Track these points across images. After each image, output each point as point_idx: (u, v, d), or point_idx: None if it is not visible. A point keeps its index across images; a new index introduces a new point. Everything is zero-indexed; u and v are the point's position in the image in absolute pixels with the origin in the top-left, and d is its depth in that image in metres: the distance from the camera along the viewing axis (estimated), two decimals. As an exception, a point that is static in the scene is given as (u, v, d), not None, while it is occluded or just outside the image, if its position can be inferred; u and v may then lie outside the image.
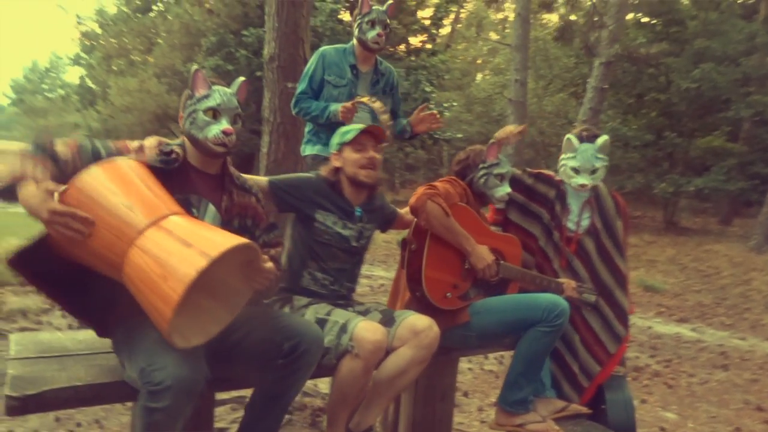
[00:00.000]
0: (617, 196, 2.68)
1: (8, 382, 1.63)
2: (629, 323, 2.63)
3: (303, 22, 4.68)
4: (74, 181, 1.46)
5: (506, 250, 2.36)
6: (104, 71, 15.95)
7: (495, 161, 2.36)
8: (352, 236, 2.15)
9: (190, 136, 1.76)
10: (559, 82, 15.64)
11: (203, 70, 1.80)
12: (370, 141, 2.12)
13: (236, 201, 1.85)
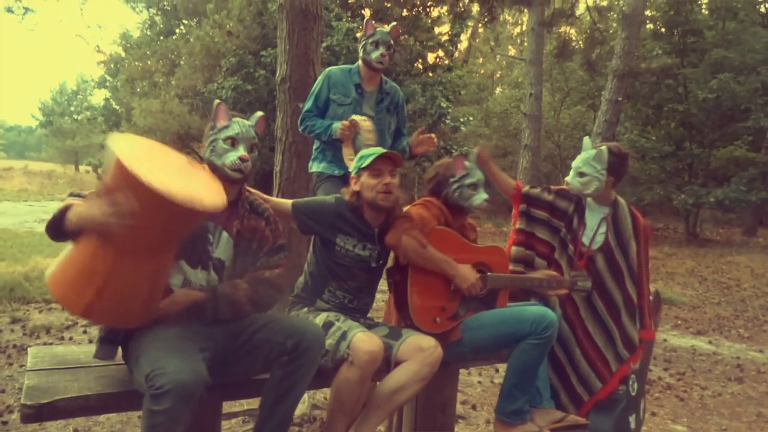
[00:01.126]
0: (638, 215, 2.68)
1: (24, 392, 1.74)
2: (636, 345, 2.61)
3: (313, 44, 4.82)
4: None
5: (491, 261, 2.40)
6: (128, 93, 16.39)
7: (464, 173, 2.39)
8: (372, 257, 2.24)
9: (210, 163, 1.91)
10: (575, 95, 15.65)
11: (224, 104, 1.96)
12: (386, 166, 2.20)
13: (246, 225, 1.98)
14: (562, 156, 15.99)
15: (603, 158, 2.52)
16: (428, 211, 2.30)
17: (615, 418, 2.53)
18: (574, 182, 2.54)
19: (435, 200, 2.40)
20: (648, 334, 2.63)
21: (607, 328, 2.58)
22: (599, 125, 9.37)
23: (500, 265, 2.43)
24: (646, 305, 2.64)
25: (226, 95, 13.73)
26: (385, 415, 2.14)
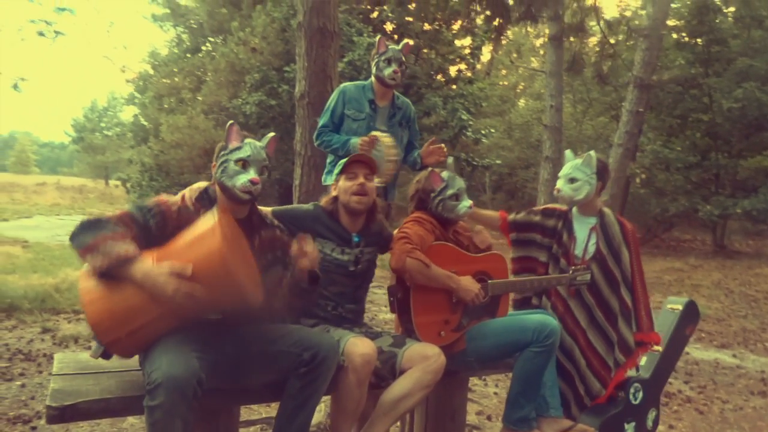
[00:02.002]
0: (625, 222, 2.73)
1: (49, 395, 1.85)
2: (633, 349, 2.64)
3: (331, 61, 4.94)
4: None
5: (491, 268, 2.45)
6: (156, 109, 16.81)
7: (443, 185, 2.43)
8: (350, 261, 2.31)
9: (221, 183, 1.96)
10: (598, 106, 15.56)
11: (236, 125, 2.01)
12: (361, 169, 2.27)
13: (264, 238, 2.06)
14: (585, 167, 15.89)
15: (592, 163, 2.59)
16: (423, 227, 2.34)
17: (604, 420, 2.55)
18: (565, 189, 2.59)
19: (425, 215, 2.43)
20: (646, 336, 2.65)
21: (607, 335, 2.62)
22: (620, 136, 9.32)
23: (500, 271, 2.47)
24: (643, 308, 2.66)
25: (250, 110, 14.00)
26: (390, 423, 2.19)
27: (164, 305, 1.69)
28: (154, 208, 1.89)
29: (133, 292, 1.71)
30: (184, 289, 1.65)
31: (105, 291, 1.72)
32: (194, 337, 1.78)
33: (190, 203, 1.95)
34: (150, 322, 1.73)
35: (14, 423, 3.44)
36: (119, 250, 1.69)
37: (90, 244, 1.70)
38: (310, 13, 4.82)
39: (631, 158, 12.92)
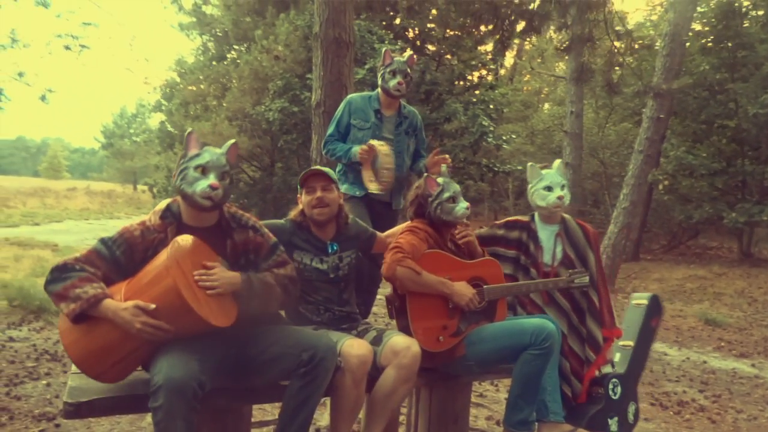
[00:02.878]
0: (586, 226, 2.85)
1: (66, 392, 1.97)
2: (602, 346, 2.72)
3: (346, 70, 5.07)
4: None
5: (486, 274, 2.51)
6: (182, 116, 17.14)
7: (439, 189, 2.49)
8: (329, 268, 2.40)
9: (181, 191, 2.00)
10: (621, 111, 15.42)
11: (196, 133, 2.07)
12: (318, 182, 2.35)
13: (237, 241, 2.11)
14: (607, 174, 15.74)
15: (562, 168, 2.78)
16: (416, 237, 2.40)
17: (589, 418, 2.61)
18: (565, 194, 2.69)
19: (419, 224, 2.50)
20: (609, 332, 2.73)
21: (582, 336, 2.70)
22: (641, 143, 9.25)
23: (495, 276, 2.53)
24: (605, 306, 2.75)
25: (273, 117, 14.21)
26: (385, 420, 2.27)
27: (137, 339, 1.81)
28: (118, 239, 1.98)
29: (109, 328, 1.83)
30: (150, 323, 1.77)
31: (82, 332, 1.85)
32: (196, 342, 1.87)
33: (152, 223, 2.02)
34: (130, 352, 1.86)
35: (39, 420, 3.59)
36: (86, 295, 1.80)
37: (59, 292, 1.83)
38: (326, 24, 4.96)
39: (653, 165, 12.80)
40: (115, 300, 1.83)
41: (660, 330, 7.01)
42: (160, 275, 1.84)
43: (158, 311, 1.79)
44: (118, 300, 1.83)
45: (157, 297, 1.81)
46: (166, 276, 1.81)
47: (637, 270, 11.79)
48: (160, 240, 1.98)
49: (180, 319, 1.82)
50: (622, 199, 9.37)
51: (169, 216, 2.05)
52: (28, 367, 4.53)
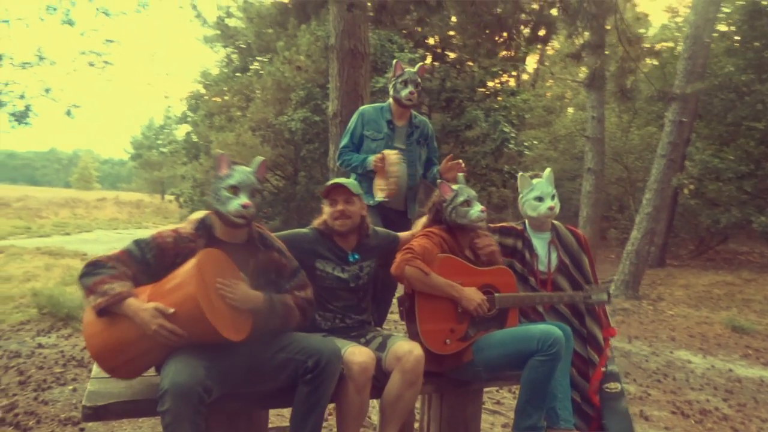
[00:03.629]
0: (576, 231, 2.88)
1: (85, 396, 2.05)
2: (603, 345, 2.76)
3: (362, 81, 5.14)
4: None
5: (499, 282, 2.53)
6: (207, 127, 17.43)
7: (453, 194, 2.55)
8: (350, 278, 2.46)
9: (215, 210, 2.12)
10: (645, 115, 15.22)
11: (226, 154, 2.17)
12: (340, 195, 2.42)
13: (261, 260, 2.20)
14: (631, 179, 15.53)
15: (552, 177, 2.79)
16: (430, 240, 2.45)
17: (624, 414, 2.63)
18: (555, 204, 2.71)
19: (435, 229, 2.54)
20: (610, 331, 2.78)
21: (582, 335, 2.73)
22: (663, 147, 9.12)
23: (507, 285, 2.55)
24: (599, 307, 2.79)
25: (295, 126, 14.37)
26: (398, 423, 2.30)
27: (152, 340, 1.89)
28: (150, 243, 2.07)
29: (128, 326, 1.92)
30: (165, 326, 1.85)
31: (103, 326, 1.94)
32: (204, 348, 1.94)
33: (186, 232, 2.12)
34: (143, 353, 1.94)
35: (65, 424, 3.70)
36: (112, 291, 1.90)
37: (90, 286, 1.94)
38: (341, 36, 5.04)
39: (677, 169, 12.60)
40: (139, 300, 1.92)
41: (684, 337, 6.91)
42: (182, 283, 1.93)
43: (176, 316, 1.88)
44: (143, 300, 1.92)
45: (177, 303, 1.89)
46: (188, 284, 1.90)
47: (663, 276, 11.60)
48: (190, 249, 2.07)
49: (194, 326, 1.89)
50: (645, 204, 9.25)
51: (202, 228, 2.15)
52: (56, 372, 4.68)
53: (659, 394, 4.73)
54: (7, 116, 7.26)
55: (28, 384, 4.38)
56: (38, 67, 7.48)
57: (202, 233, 2.14)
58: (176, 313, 1.88)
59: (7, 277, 8.75)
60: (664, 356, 6.03)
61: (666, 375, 5.33)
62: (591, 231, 10.82)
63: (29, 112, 7.43)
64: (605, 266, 13.20)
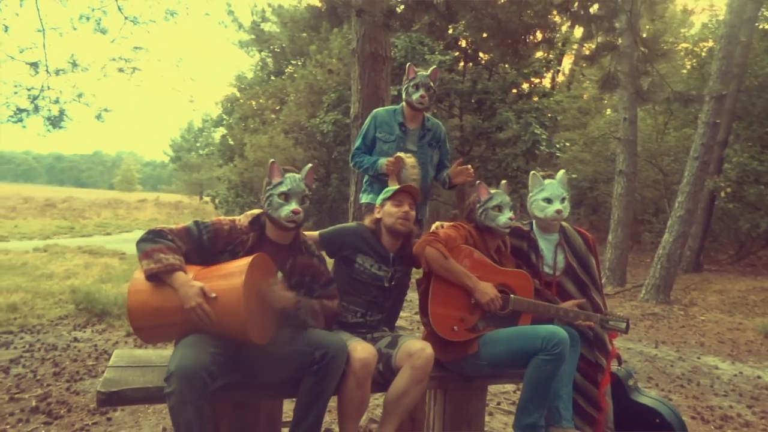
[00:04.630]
0: (584, 232, 2.87)
1: (101, 382, 2.18)
2: (609, 348, 2.76)
3: (383, 84, 5.22)
4: None
5: (516, 285, 2.57)
6: (241, 130, 17.85)
7: (488, 197, 2.62)
8: (386, 277, 2.56)
9: (268, 215, 2.28)
10: (681, 116, 14.89)
11: (277, 163, 2.32)
12: (407, 198, 2.54)
13: (298, 262, 2.34)
14: (667, 182, 15.20)
15: (565, 180, 2.77)
16: (455, 231, 2.54)
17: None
18: (563, 208, 2.69)
19: (464, 224, 2.64)
20: (613, 335, 2.77)
21: (588, 338, 2.72)
22: (696, 149, 8.93)
23: (524, 289, 2.58)
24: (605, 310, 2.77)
25: (327, 129, 14.58)
26: (398, 420, 2.37)
27: (186, 315, 2.01)
28: (209, 226, 2.25)
29: (170, 296, 2.05)
30: (203, 307, 1.98)
31: (148, 287, 2.08)
32: (214, 336, 2.06)
33: (241, 225, 2.29)
34: (172, 324, 2.07)
35: (93, 414, 3.89)
36: (167, 261, 2.05)
37: (147, 251, 2.09)
38: (363, 40, 5.14)
39: (713, 172, 12.29)
40: (187, 276, 2.06)
41: (714, 343, 6.77)
42: (232, 274, 2.06)
43: (215, 302, 2.02)
44: (190, 277, 2.07)
45: (222, 290, 2.03)
46: (238, 278, 2.03)
47: (698, 281, 11.33)
48: (242, 241, 2.25)
49: (228, 317, 2.02)
50: (677, 208, 9.06)
51: (257, 224, 2.33)
52: (89, 365, 4.89)
53: (680, 399, 4.66)
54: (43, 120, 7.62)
55: (62, 375, 4.60)
56: (72, 74, 7.84)
57: (256, 228, 2.31)
58: (217, 299, 2.01)
59: (49, 274, 9.14)
60: (690, 361, 5.92)
61: (690, 380, 5.25)
62: (622, 234, 10.64)
63: (64, 116, 7.79)
64: (639, 270, 12.96)
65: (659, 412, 2.64)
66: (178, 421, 1.91)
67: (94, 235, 16.92)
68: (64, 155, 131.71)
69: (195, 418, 1.90)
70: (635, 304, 9.08)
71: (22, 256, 11.09)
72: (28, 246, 12.94)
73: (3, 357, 4.98)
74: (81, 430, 3.62)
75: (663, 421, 2.61)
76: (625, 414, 2.75)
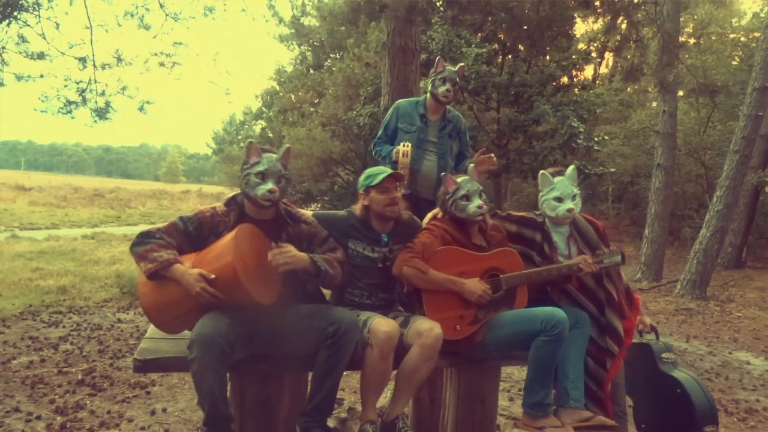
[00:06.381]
0: (594, 221, 2.89)
1: (137, 351, 2.39)
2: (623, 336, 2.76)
3: (413, 76, 5.32)
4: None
5: (503, 263, 2.62)
6: (280, 123, 18.18)
7: (455, 187, 2.64)
8: (379, 258, 2.64)
9: (245, 194, 2.37)
10: (726, 109, 14.49)
11: (255, 143, 2.41)
12: (392, 183, 2.60)
13: (291, 233, 2.46)
14: (709, 176, 14.82)
15: (575, 175, 2.79)
16: (431, 235, 2.58)
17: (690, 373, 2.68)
18: (574, 206, 2.72)
19: (438, 221, 2.68)
20: (629, 323, 2.77)
21: (600, 323, 2.76)
22: (736, 142, 8.72)
23: (513, 265, 2.62)
24: (622, 297, 2.79)
25: (363, 122, 14.73)
26: (410, 395, 2.49)
27: (195, 300, 2.18)
28: (192, 218, 2.39)
29: (174, 289, 2.22)
30: (207, 289, 2.15)
31: (154, 287, 2.26)
32: (232, 310, 2.22)
33: (221, 209, 2.42)
34: (187, 311, 2.23)
35: (134, 387, 4.15)
36: (161, 258, 2.22)
37: (141, 253, 2.25)
38: (393, 34, 5.25)
39: (759, 166, 11.95)
40: (185, 266, 2.23)
41: (749, 339, 6.67)
42: (222, 253, 2.21)
43: (216, 281, 2.17)
44: (187, 267, 2.23)
45: (217, 270, 2.19)
46: (227, 254, 2.18)
47: (738, 277, 11.07)
48: (225, 223, 2.38)
49: (231, 290, 2.17)
50: (716, 202, 8.88)
51: (233, 205, 2.45)
52: (130, 344, 5.19)
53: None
54: (90, 112, 8.00)
55: (105, 352, 4.91)
56: (117, 68, 8.20)
57: (234, 209, 2.43)
58: (216, 278, 2.17)
59: (96, 260, 9.61)
60: (721, 356, 5.87)
61: (719, 374, 5.21)
62: (659, 229, 10.47)
63: (109, 108, 8.16)
64: (678, 266, 12.72)
65: (681, 384, 2.66)
66: (200, 386, 2.08)
67: (139, 224, 17.55)
68: (112, 147, 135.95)
69: (216, 383, 2.06)
70: (670, 299, 8.96)
71: (72, 242, 11.67)
72: (77, 233, 13.57)
73: (53, 335, 5.33)
74: (122, 401, 3.89)
75: (683, 392, 2.63)
76: (650, 384, 2.77)
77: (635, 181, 18.26)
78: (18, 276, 7.70)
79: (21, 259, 9.14)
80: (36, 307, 6.34)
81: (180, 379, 4.34)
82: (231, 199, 2.47)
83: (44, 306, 6.43)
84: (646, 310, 2.80)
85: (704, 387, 2.70)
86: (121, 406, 3.81)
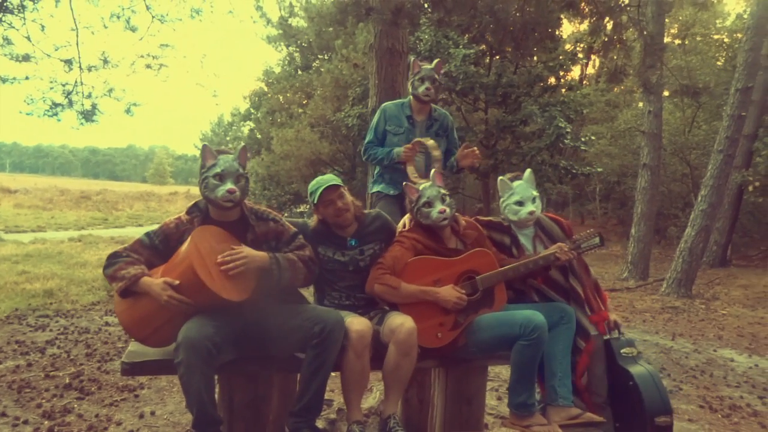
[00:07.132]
0: (558, 218, 2.94)
1: (125, 354, 2.39)
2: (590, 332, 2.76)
3: (400, 78, 5.35)
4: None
5: (478, 265, 2.62)
6: (268, 124, 18.15)
7: (416, 195, 2.65)
8: (349, 261, 2.65)
9: (206, 197, 2.37)
10: (710, 110, 14.66)
11: (209, 145, 2.40)
12: (332, 194, 2.57)
13: (258, 231, 2.45)
14: (695, 176, 14.99)
15: (533, 178, 2.84)
16: (402, 247, 2.59)
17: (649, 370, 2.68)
18: (536, 208, 2.77)
19: (408, 232, 2.68)
20: (597, 317, 2.77)
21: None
22: (720, 142, 8.84)
23: (487, 265, 2.63)
24: (590, 292, 2.81)
25: (351, 123, 14.75)
26: (399, 392, 2.50)
27: (168, 310, 2.19)
28: (157, 231, 2.40)
29: (147, 302, 2.23)
30: (174, 296, 2.15)
31: (129, 304, 2.27)
32: (217, 313, 2.23)
33: (185, 217, 2.42)
34: (166, 322, 2.24)
35: (122, 391, 4.14)
36: (128, 274, 2.23)
37: (111, 274, 2.28)
38: (380, 36, 5.27)
39: (743, 165, 12.11)
40: (152, 278, 2.23)
41: (733, 336, 6.76)
42: (182, 258, 2.23)
43: (181, 286, 2.18)
44: (156, 278, 2.23)
45: (180, 275, 2.20)
46: (186, 258, 2.19)
47: (723, 276, 11.21)
48: (189, 231, 2.36)
49: (197, 293, 2.18)
50: (700, 201, 8.99)
51: (196, 211, 2.44)
52: (118, 347, 5.17)
53: (691, 389, 4.72)
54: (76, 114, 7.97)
55: (93, 356, 4.88)
56: (103, 70, 8.18)
57: (197, 215, 2.42)
58: (181, 283, 2.17)
59: (83, 263, 9.54)
60: (706, 354, 5.94)
61: (703, 372, 5.28)
62: (645, 228, 10.58)
63: (96, 110, 8.13)
64: (665, 265, 12.84)
65: (633, 376, 2.71)
66: (188, 389, 2.09)
67: (126, 226, 17.46)
68: (99, 149, 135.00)
69: (203, 385, 2.08)
70: (656, 297, 9.06)
71: (58, 245, 11.57)
72: (64, 236, 13.46)
73: (40, 338, 5.29)
74: (110, 405, 3.87)
75: (634, 384, 2.68)
76: (611, 378, 2.82)
77: (622, 180, 18.44)
78: (4, 279, 7.63)
79: (7, 262, 9.05)
80: (22, 311, 6.29)
81: (168, 381, 4.32)
82: (193, 206, 2.47)
83: (31, 309, 6.38)
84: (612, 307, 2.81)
85: (657, 379, 2.74)
86: (109, 410, 3.79)
